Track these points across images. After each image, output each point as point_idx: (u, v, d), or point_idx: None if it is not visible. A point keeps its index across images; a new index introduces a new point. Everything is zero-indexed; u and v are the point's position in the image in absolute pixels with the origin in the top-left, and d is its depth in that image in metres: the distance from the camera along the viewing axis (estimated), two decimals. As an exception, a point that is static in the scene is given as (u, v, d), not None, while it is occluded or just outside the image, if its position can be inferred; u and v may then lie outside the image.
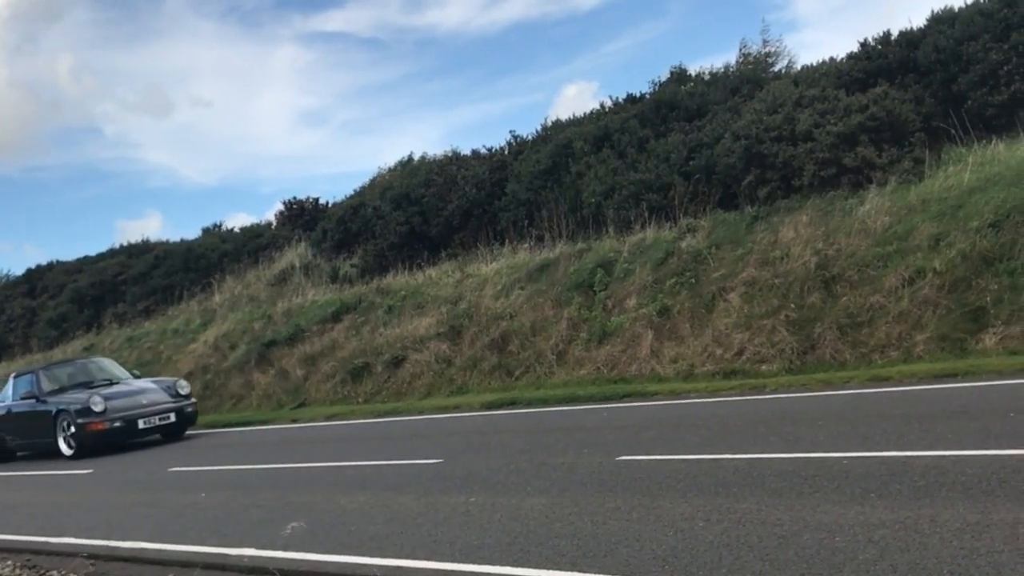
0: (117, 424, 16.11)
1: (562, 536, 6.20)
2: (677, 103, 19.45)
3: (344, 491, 9.30)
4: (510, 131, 24.04)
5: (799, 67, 19.97)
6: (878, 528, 5.38)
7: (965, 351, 11.70)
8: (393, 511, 7.91)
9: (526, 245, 19.71)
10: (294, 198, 29.59)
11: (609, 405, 13.03)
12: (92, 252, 34.96)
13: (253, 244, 28.40)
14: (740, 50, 22.23)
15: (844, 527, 5.49)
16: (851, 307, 13.12)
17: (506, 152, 22.59)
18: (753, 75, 20.10)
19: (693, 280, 15.38)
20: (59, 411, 16.60)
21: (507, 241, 20.28)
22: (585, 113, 22.15)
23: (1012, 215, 12.66)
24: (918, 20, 17.66)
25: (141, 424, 16.31)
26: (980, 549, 4.79)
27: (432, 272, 21.19)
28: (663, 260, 16.14)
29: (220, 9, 70.41)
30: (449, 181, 22.06)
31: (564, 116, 22.82)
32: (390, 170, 27.13)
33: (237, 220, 68.90)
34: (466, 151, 24.14)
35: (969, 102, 15.63)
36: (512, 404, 14.56)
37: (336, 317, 21.31)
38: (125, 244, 33.64)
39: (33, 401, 17.46)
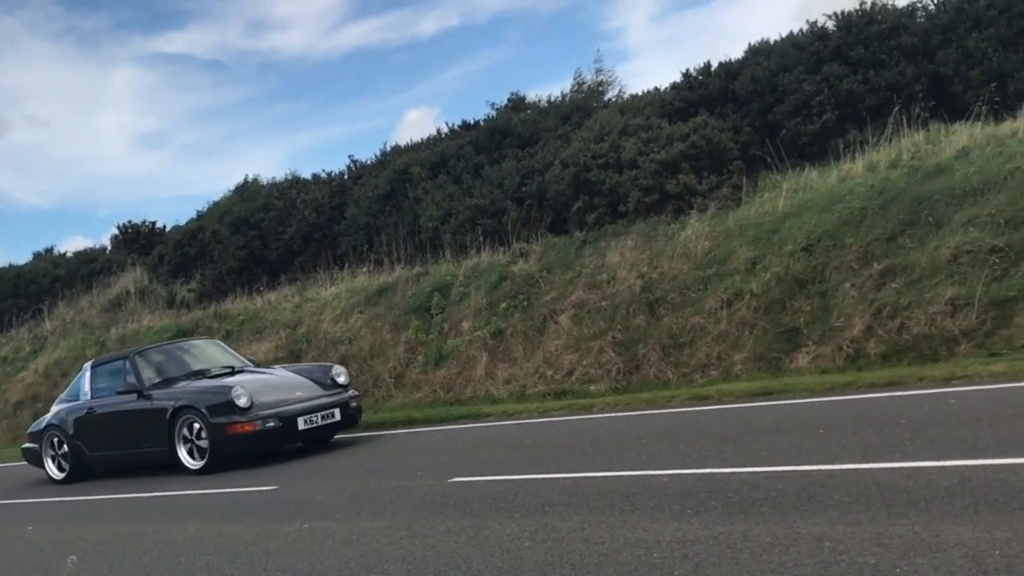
0: (271, 424, 11.97)
1: (392, 560, 6.30)
2: (511, 130, 19.82)
3: (175, 521, 9.21)
4: (349, 156, 24.09)
5: (628, 96, 20.61)
6: (693, 544, 5.52)
7: (780, 370, 12.28)
8: (225, 540, 7.87)
9: (365, 269, 19.74)
10: (129, 222, 28.77)
11: (445, 427, 13.19)
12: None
13: (87, 269, 27.60)
14: (575, 79, 22.77)
15: (661, 543, 5.65)
16: (674, 328, 13.63)
17: (346, 177, 22.60)
18: (584, 103, 20.63)
19: (525, 303, 15.73)
20: (179, 408, 12.32)
21: (347, 265, 20.27)
22: (423, 139, 22.35)
23: (823, 239, 13.35)
24: (737, 52, 18.46)
25: (302, 424, 12.15)
26: (787, 563, 4.97)
27: (271, 296, 21.01)
28: (497, 283, 16.44)
29: (56, 29, 67.96)
30: (289, 205, 21.93)
31: (407, 140, 22.98)
32: (229, 194, 26.83)
33: (73, 244, 66.46)
34: (307, 175, 24.06)
35: (784, 131, 16.31)
36: (350, 428, 14.58)
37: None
38: (-50, 271, 32.28)
39: (134, 397, 13.07)
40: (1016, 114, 14.38)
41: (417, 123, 55.36)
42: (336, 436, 13.25)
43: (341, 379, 13.05)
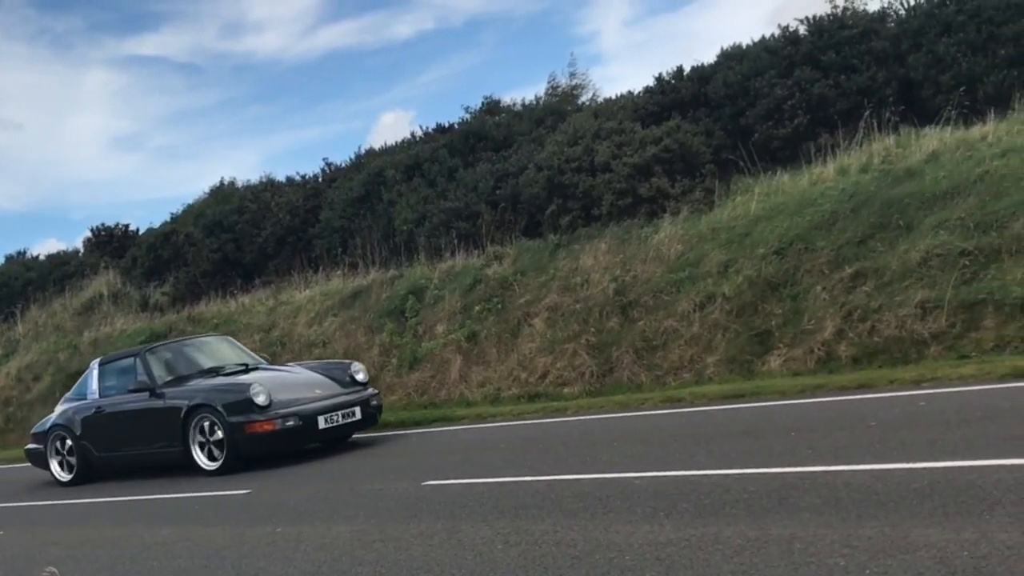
0: (291, 423, 11.53)
1: (365, 564, 6.32)
2: (485, 134, 19.87)
3: (149, 525, 9.19)
4: (324, 159, 24.05)
5: (601, 100, 20.69)
6: (665, 546, 5.55)
7: (752, 373, 12.34)
8: (198, 545, 7.86)
9: (340, 272, 19.70)
10: (102, 225, 28.52)
11: (419, 430, 13.22)
12: None
13: (59, 272, 27.31)
14: (549, 83, 22.85)
15: (634, 545, 5.68)
16: (647, 331, 13.69)
17: (320, 179, 22.59)
18: (558, 107, 20.73)
19: (500, 306, 15.76)
20: (194, 407, 11.87)
21: (321, 268, 20.23)
22: (397, 142, 22.35)
23: (794, 243, 13.43)
24: (710, 56, 18.56)
25: (322, 423, 11.73)
26: (758, 564, 5.00)
27: (245, 299, 20.92)
28: (471, 287, 16.46)
29: (29, 31, 67.36)
30: (263, 208, 21.86)
31: (382, 143, 22.96)
32: (203, 196, 26.72)
33: (46, 247, 65.87)
34: (281, 178, 24.00)
35: (756, 135, 16.35)
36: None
37: (145, 347, 20.83)
38: (-79, 275, 31.95)
39: (146, 395, 12.60)
40: (985, 118, 14.50)
41: (392, 126, 55.28)
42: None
43: (360, 376, 12.70)
